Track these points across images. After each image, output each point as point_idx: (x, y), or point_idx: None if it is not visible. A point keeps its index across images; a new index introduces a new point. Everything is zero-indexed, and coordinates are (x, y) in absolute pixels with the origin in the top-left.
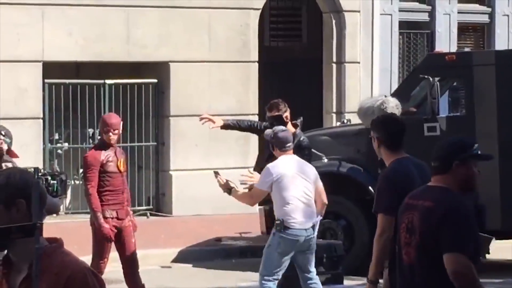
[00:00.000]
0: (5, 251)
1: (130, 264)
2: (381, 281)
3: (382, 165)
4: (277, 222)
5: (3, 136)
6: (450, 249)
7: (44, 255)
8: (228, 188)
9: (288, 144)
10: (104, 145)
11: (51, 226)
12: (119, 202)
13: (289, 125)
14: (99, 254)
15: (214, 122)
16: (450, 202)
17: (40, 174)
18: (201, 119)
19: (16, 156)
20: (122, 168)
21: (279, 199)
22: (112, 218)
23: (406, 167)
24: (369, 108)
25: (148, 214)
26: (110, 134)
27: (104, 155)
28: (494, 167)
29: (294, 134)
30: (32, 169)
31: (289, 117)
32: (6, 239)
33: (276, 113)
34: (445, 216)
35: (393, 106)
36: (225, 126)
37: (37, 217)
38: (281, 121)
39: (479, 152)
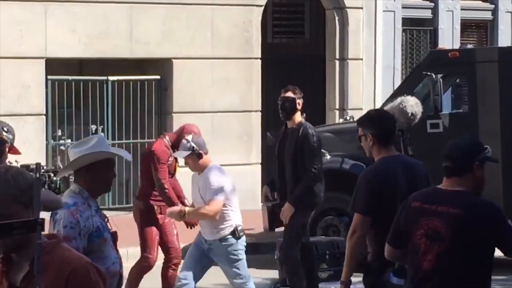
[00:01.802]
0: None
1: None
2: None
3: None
4: (238, 228)
5: (6, 132)
6: None
7: (44, 251)
8: (181, 215)
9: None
10: (170, 145)
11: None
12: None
13: (298, 114)
14: (149, 248)
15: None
16: (483, 207)
17: (42, 170)
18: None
19: (19, 153)
20: (175, 171)
21: (235, 203)
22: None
23: (389, 166)
24: (389, 110)
25: None
26: None
27: (169, 153)
28: (497, 164)
29: (300, 123)
30: (34, 166)
31: (300, 105)
32: (8, 235)
33: (290, 94)
34: (486, 223)
35: (413, 104)
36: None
37: (38, 212)
38: (292, 104)
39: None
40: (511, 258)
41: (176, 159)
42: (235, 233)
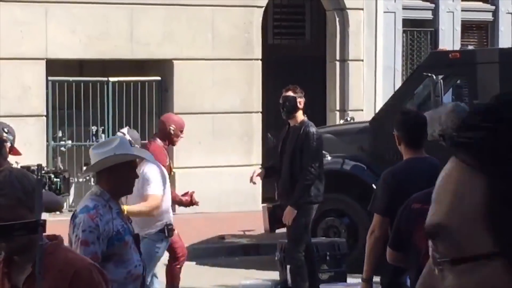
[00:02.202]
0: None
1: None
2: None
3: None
4: (169, 227)
5: (6, 133)
6: None
7: (46, 252)
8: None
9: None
10: (164, 144)
11: (54, 223)
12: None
13: (300, 113)
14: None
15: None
16: None
17: (43, 172)
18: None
19: (19, 154)
20: (171, 173)
21: (167, 202)
22: None
23: (413, 167)
24: (438, 114)
25: None
26: (181, 136)
27: (165, 154)
28: None
29: (302, 122)
30: (36, 167)
31: (302, 105)
32: (10, 236)
33: (291, 93)
34: None
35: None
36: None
37: (39, 214)
38: (293, 102)
39: None
40: None
41: (170, 162)
42: (164, 231)
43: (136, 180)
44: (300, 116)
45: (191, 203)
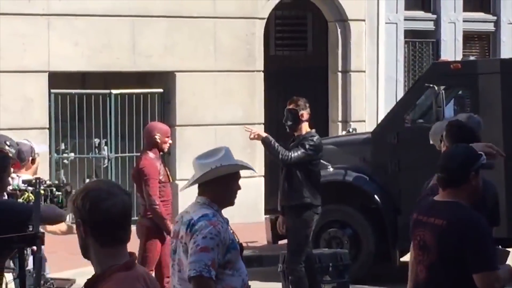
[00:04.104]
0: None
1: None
2: None
3: None
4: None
5: (8, 146)
6: (481, 269)
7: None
8: None
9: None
10: (156, 154)
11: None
12: (169, 212)
13: (305, 125)
14: (150, 263)
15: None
16: (467, 219)
17: (45, 185)
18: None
19: (18, 167)
20: (171, 178)
21: None
22: None
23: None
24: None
25: None
26: (169, 142)
27: (158, 164)
28: (500, 175)
29: (307, 133)
30: (35, 180)
31: (306, 117)
32: (8, 248)
33: (293, 106)
34: (466, 235)
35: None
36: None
37: (38, 226)
38: (294, 116)
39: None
40: (476, 277)
41: (166, 169)
42: None
43: None
44: (305, 128)
45: None
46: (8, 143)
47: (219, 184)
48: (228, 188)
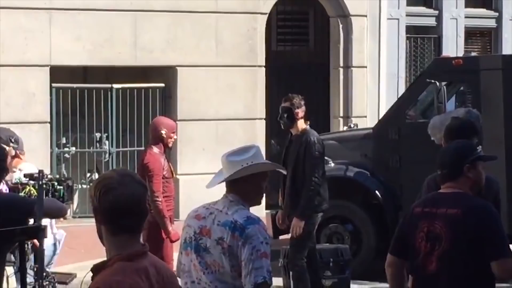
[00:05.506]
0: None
1: None
2: None
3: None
4: None
5: (12, 143)
6: (500, 255)
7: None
8: None
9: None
10: (160, 149)
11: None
12: (171, 208)
13: (301, 122)
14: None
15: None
16: (482, 207)
17: (46, 179)
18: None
19: (20, 158)
20: (174, 173)
21: None
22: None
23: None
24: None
25: None
26: (174, 137)
27: (163, 159)
28: (501, 171)
29: (304, 131)
30: (37, 174)
31: (301, 115)
32: (10, 242)
33: (287, 105)
34: (483, 222)
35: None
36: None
37: (41, 219)
38: (289, 113)
39: (482, 153)
40: (494, 264)
41: (170, 165)
42: None
43: None
44: (301, 125)
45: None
46: (12, 139)
47: (249, 183)
48: (257, 187)
